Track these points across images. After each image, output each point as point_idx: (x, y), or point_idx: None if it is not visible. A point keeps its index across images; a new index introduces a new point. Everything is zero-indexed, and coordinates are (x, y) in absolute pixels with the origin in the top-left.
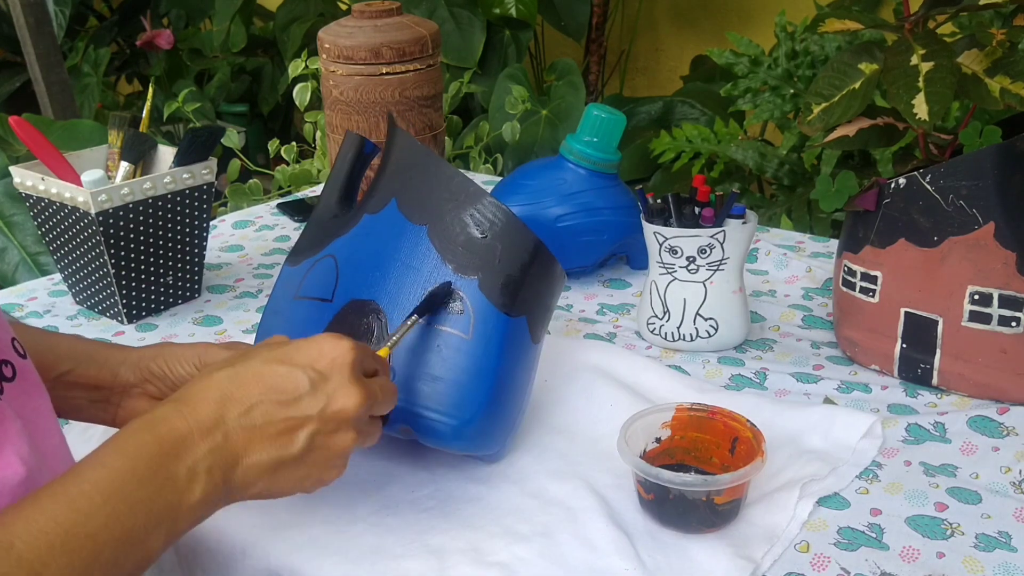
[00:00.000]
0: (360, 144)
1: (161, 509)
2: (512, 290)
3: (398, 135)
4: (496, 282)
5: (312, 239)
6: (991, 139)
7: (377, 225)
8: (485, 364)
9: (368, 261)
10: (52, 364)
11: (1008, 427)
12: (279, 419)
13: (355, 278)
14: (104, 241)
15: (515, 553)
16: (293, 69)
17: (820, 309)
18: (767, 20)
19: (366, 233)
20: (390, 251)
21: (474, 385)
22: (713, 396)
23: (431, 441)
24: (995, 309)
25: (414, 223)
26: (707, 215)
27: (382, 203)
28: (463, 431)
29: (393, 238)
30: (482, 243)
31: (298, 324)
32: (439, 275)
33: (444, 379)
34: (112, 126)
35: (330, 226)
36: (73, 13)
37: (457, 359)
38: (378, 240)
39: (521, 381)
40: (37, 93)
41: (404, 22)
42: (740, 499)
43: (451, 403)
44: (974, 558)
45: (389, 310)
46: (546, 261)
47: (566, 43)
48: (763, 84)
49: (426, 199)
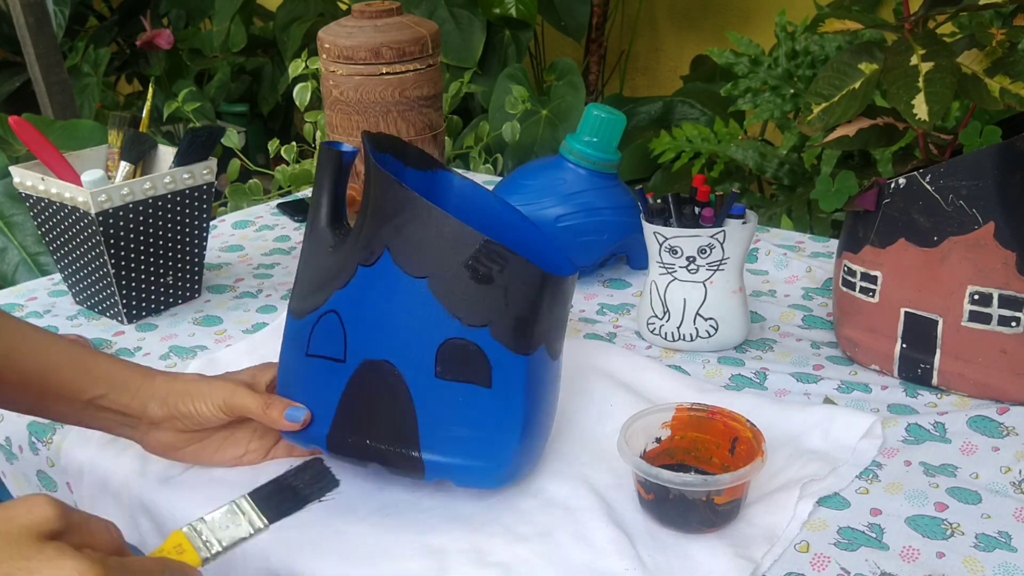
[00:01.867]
0: (337, 160)
1: None
2: (525, 329)
3: (376, 176)
4: (508, 326)
5: (311, 285)
6: (991, 139)
7: (374, 278)
8: (511, 409)
9: (372, 317)
10: (86, 386)
11: (1008, 427)
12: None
13: (363, 336)
14: (104, 241)
15: (515, 553)
16: (293, 69)
17: (820, 309)
18: (767, 20)
19: (364, 287)
20: (393, 307)
21: (504, 431)
22: (713, 396)
23: (470, 485)
24: (995, 309)
25: (413, 276)
26: (707, 215)
27: (375, 254)
28: (500, 473)
29: (392, 294)
30: (487, 290)
31: (316, 386)
32: (446, 330)
33: (473, 433)
34: (112, 126)
35: (327, 269)
36: (73, 13)
37: (482, 411)
38: (379, 295)
39: (549, 404)
40: (37, 93)
41: (404, 22)
42: (740, 499)
43: (484, 452)
44: (974, 558)
45: (404, 369)
46: (554, 285)
47: (566, 43)
48: (763, 84)
49: (421, 249)
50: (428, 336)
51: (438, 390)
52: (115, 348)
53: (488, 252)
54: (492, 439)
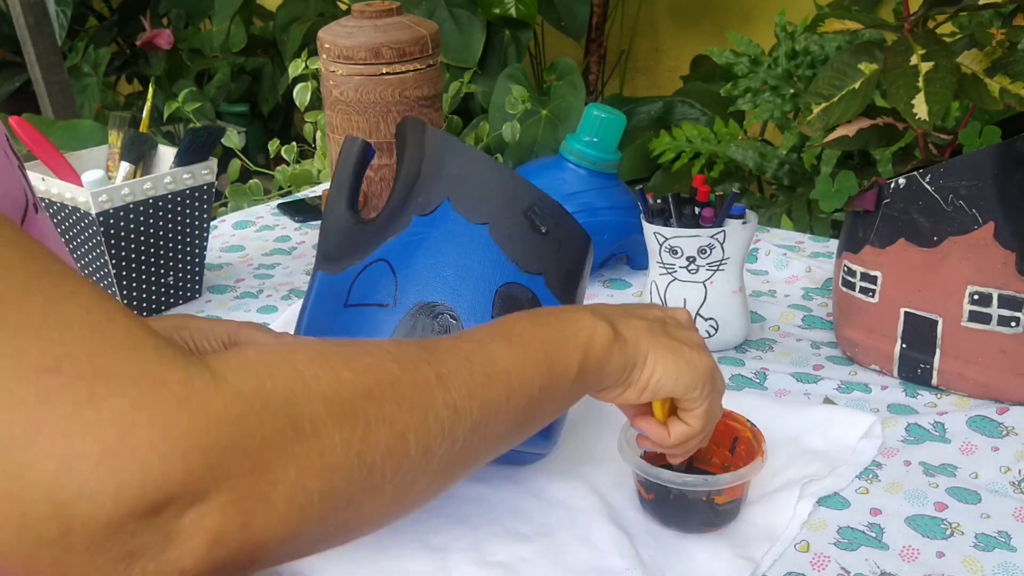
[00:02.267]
0: (364, 150)
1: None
2: (572, 284)
3: (436, 138)
4: (560, 278)
5: (346, 247)
6: (991, 139)
7: (431, 225)
8: None
9: (428, 263)
10: None
11: (1008, 427)
12: (632, 311)
13: (416, 281)
14: (104, 241)
15: (516, 553)
16: (293, 69)
17: (820, 309)
18: (767, 20)
19: (420, 234)
20: (451, 252)
21: None
22: None
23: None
24: (995, 309)
25: (473, 222)
26: (707, 215)
27: (432, 204)
28: (546, 438)
29: (452, 238)
30: (543, 240)
31: (356, 333)
32: (504, 274)
33: None
34: (112, 126)
35: (364, 232)
36: (73, 13)
37: None
38: (435, 241)
39: None
40: (37, 93)
41: (404, 22)
42: (740, 499)
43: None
44: (974, 558)
45: (463, 312)
46: (591, 251)
47: (566, 43)
48: (763, 84)
49: (481, 199)
50: (487, 279)
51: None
52: None
53: (544, 205)
54: None
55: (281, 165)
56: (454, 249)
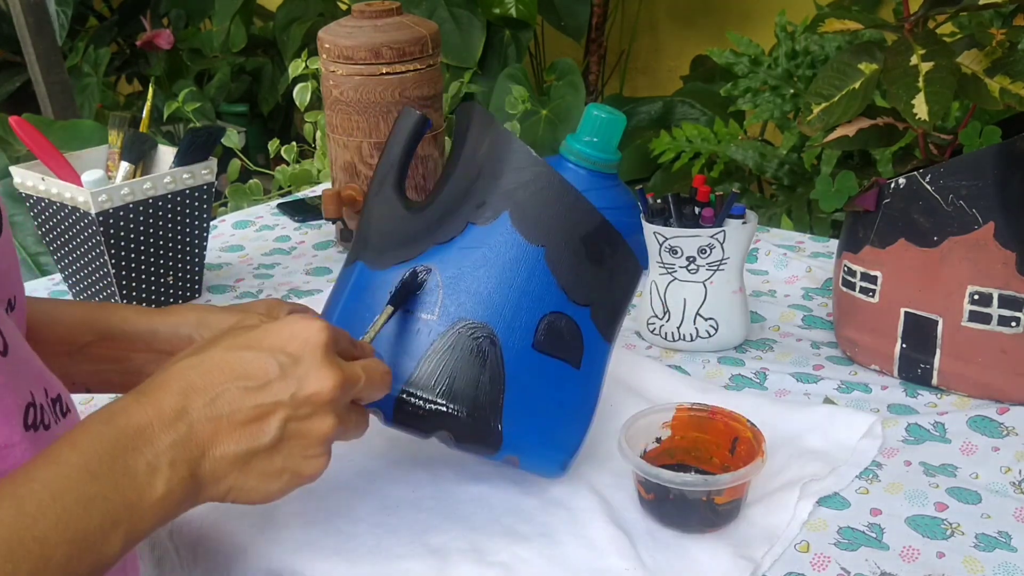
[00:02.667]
0: (420, 124)
1: (118, 507)
2: (616, 317)
3: (499, 137)
4: (606, 310)
5: (392, 238)
6: (991, 139)
7: (488, 239)
8: (589, 395)
9: (477, 278)
10: (65, 336)
11: (1008, 427)
12: (247, 407)
13: (462, 296)
14: (104, 241)
15: (515, 553)
16: (293, 69)
17: (820, 309)
18: (767, 20)
19: (474, 247)
20: (504, 271)
21: (580, 417)
22: (713, 396)
23: (534, 469)
24: (995, 309)
25: (531, 243)
26: (707, 215)
27: (492, 215)
28: (564, 460)
29: (508, 257)
30: (597, 271)
31: (396, 340)
32: (552, 302)
33: (553, 413)
34: (112, 126)
35: (412, 224)
36: (73, 13)
37: (566, 392)
38: (487, 256)
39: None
40: (37, 93)
41: (404, 22)
42: (740, 499)
43: (559, 436)
44: (974, 558)
45: (504, 336)
46: (639, 280)
47: (566, 43)
48: (763, 84)
49: (542, 217)
50: (533, 305)
51: (531, 361)
52: None
53: (605, 232)
54: (569, 422)
55: (281, 165)
56: (506, 268)
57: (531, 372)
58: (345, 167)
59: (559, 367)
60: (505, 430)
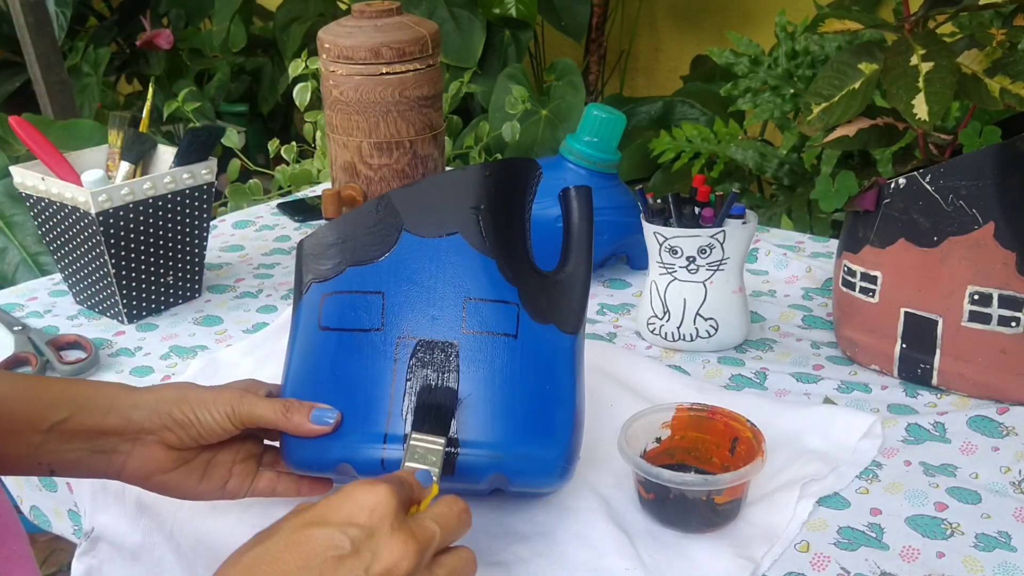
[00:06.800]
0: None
1: None
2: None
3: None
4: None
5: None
6: (991, 139)
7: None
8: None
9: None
10: (42, 413)
11: (1008, 427)
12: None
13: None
14: (104, 241)
15: (515, 553)
16: (293, 69)
17: (820, 309)
18: (767, 20)
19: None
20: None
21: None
22: (713, 396)
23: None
24: (995, 309)
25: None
26: (707, 215)
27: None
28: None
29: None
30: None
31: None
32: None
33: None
34: (112, 126)
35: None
36: (73, 13)
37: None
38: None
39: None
40: (37, 93)
41: (404, 22)
42: (740, 499)
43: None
44: (974, 558)
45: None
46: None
47: (566, 43)
48: (763, 84)
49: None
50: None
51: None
52: (115, 348)
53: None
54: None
55: (281, 165)
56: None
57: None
58: (345, 167)
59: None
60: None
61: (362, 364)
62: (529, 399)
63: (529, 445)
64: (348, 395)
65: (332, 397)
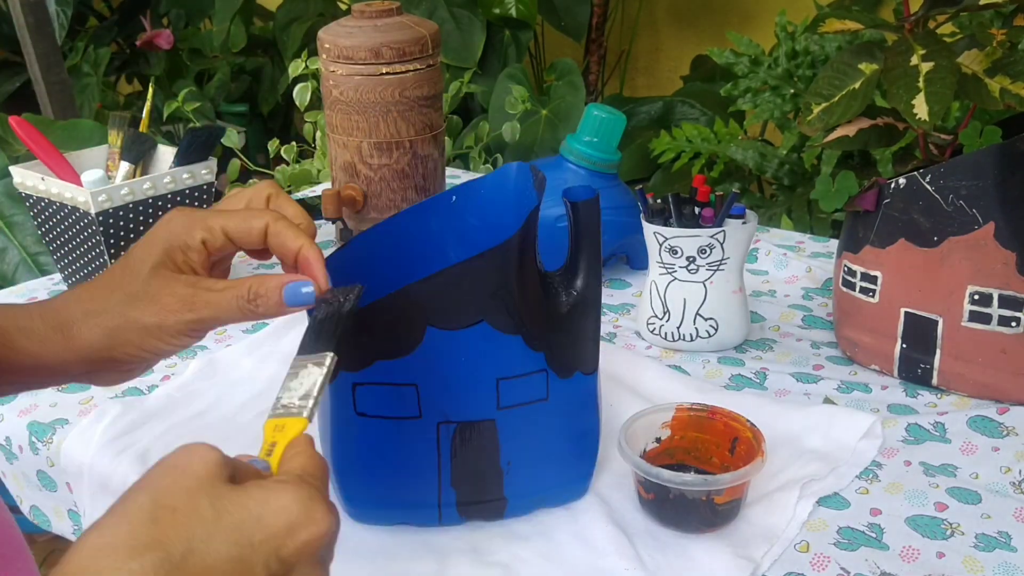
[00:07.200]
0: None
1: None
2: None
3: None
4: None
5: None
6: (991, 139)
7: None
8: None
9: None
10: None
11: (1008, 427)
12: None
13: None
14: (104, 241)
15: (515, 553)
16: (293, 69)
17: (820, 309)
18: (767, 20)
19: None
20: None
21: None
22: (713, 396)
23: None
24: (995, 309)
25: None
26: (707, 215)
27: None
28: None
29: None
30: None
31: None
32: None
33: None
34: (112, 126)
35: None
36: (73, 13)
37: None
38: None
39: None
40: (37, 93)
41: (404, 22)
42: (740, 499)
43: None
44: (974, 558)
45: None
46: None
47: (566, 43)
48: (763, 84)
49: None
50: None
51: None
52: None
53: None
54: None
55: (281, 165)
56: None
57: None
58: (345, 167)
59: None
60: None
61: (405, 445)
62: (563, 444)
63: (565, 479)
64: (397, 473)
65: (382, 476)
